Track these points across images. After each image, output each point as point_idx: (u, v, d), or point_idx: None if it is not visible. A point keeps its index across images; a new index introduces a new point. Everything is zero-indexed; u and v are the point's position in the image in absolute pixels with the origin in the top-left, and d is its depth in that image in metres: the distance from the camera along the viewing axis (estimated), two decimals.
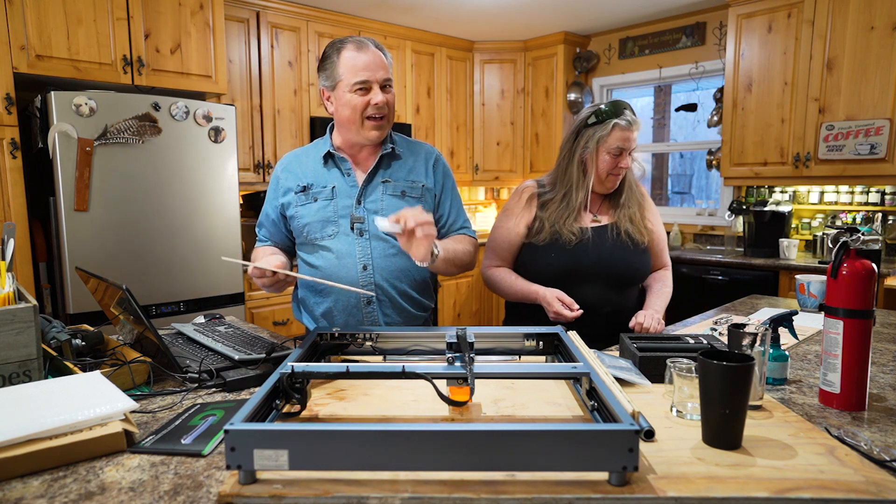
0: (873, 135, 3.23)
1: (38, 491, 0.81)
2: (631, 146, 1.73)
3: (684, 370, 1.02)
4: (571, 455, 0.76)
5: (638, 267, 1.79)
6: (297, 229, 1.64)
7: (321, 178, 1.63)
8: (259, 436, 0.77)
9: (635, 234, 1.77)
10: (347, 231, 1.59)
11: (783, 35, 3.55)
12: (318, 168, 1.64)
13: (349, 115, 1.55)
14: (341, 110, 1.56)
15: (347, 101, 1.54)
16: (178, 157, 3.00)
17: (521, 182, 2.05)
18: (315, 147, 1.71)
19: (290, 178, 1.66)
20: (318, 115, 4.09)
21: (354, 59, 1.52)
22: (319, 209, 1.60)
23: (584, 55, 4.79)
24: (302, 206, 1.62)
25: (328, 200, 1.61)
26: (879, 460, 0.87)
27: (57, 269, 2.78)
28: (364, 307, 1.60)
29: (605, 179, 1.76)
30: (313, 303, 1.66)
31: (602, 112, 1.72)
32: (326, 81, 1.58)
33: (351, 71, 1.52)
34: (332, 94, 1.58)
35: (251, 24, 3.76)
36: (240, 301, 3.33)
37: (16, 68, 2.65)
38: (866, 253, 1.12)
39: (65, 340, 1.31)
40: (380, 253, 1.60)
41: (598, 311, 1.72)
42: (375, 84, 1.53)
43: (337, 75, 1.54)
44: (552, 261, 1.73)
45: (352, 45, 1.55)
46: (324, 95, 1.61)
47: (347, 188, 1.62)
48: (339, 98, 1.55)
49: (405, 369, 1.00)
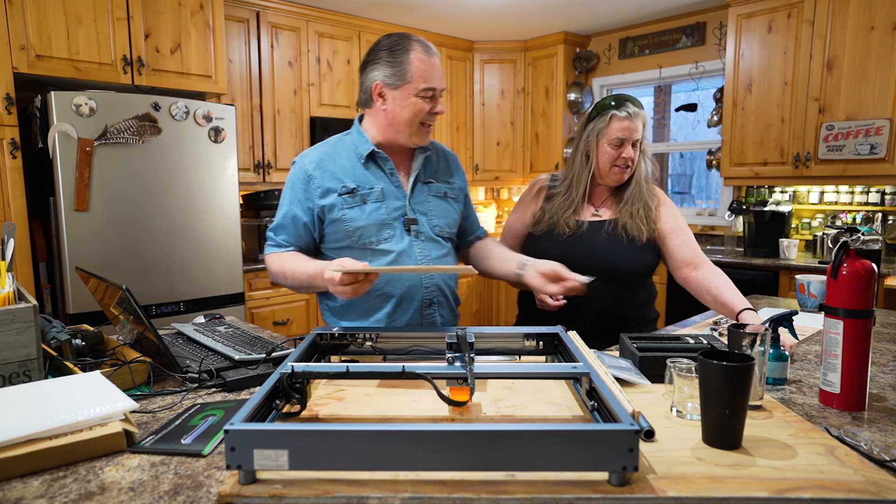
0: (873, 135, 3.23)
1: (38, 491, 0.81)
2: (633, 136, 1.72)
3: (684, 370, 1.02)
4: (571, 455, 0.76)
5: (632, 263, 1.75)
6: (342, 233, 1.54)
7: (364, 178, 1.56)
8: (259, 436, 0.77)
9: (633, 229, 1.74)
10: (403, 234, 1.55)
11: (783, 35, 3.55)
12: (356, 168, 1.56)
13: (408, 119, 1.51)
14: (400, 111, 1.51)
15: (411, 105, 1.50)
16: (178, 157, 3.00)
17: (522, 180, 2.05)
18: (342, 144, 1.61)
19: (327, 178, 1.55)
20: (318, 115, 4.10)
21: (427, 65, 1.49)
22: (372, 212, 1.53)
23: (584, 55, 4.79)
24: (350, 208, 1.53)
25: (379, 202, 1.54)
26: (879, 460, 0.87)
27: (57, 269, 2.78)
28: (425, 309, 1.58)
29: (609, 171, 1.76)
30: (368, 308, 1.57)
31: (601, 105, 1.75)
32: (390, 79, 1.50)
33: (423, 76, 1.48)
34: (393, 93, 1.51)
35: (251, 24, 3.76)
36: (240, 301, 3.33)
37: (16, 68, 2.65)
38: (866, 253, 1.12)
39: (65, 340, 1.31)
40: (436, 255, 1.58)
41: (589, 306, 1.69)
42: (438, 92, 1.52)
43: (407, 76, 1.48)
44: (545, 250, 1.74)
45: (420, 47, 1.50)
46: (375, 91, 1.53)
47: (394, 189, 1.57)
48: (402, 99, 1.50)
49: (405, 369, 1.00)
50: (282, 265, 1.55)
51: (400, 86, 1.50)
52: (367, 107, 1.59)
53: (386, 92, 1.52)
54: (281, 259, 1.56)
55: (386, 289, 1.54)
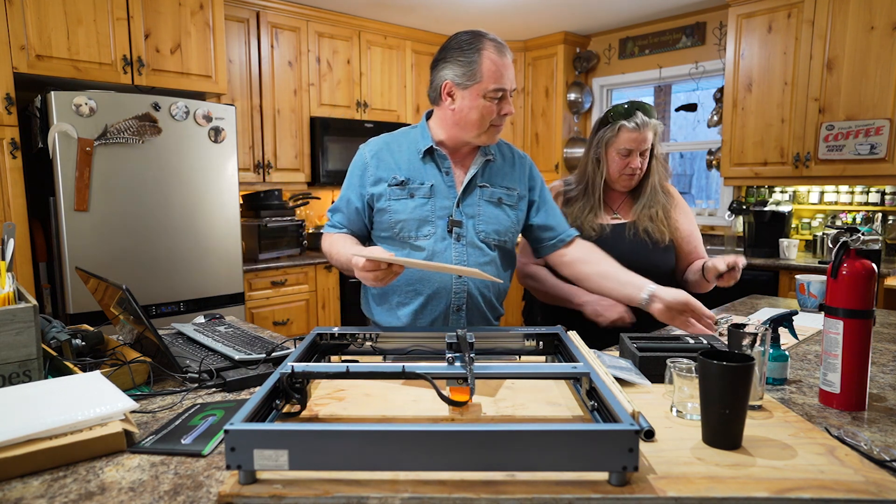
0: (873, 135, 3.23)
1: (38, 491, 0.81)
2: (641, 147, 1.76)
3: (684, 370, 1.02)
4: (571, 455, 0.76)
5: (657, 264, 1.80)
6: (386, 223, 1.54)
7: (418, 173, 1.55)
8: (259, 436, 0.77)
9: (655, 232, 1.80)
10: (444, 234, 1.52)
11: (783, 35, 3.55)
12: (413, 161, 1.55)
13: (476, 120, 1.48)
14: (469, 112, 1.48)
15: (480, 106, 1.47)
16: (178, 157, 3.00)
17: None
18: (406, 137, 1.60)
19: (381, 167, 1.55)
20: (318, 115, 4.10)
21: (498, 65, 1.45)
22: (416, 207, 1.52)
23: (584, 55, 4.79)
24: (397, 200, 1.52)
25: (426, 199, 1.53)
26: (879, 460, 0.87)
27: (57, 269, 2.78)
28: (453, 313, 1.55)
29: (618, 179, 1.82)
30: (398, 301, 1.56)
31: (612, 113, 1.78)
32: (460, 78, 1.46)
33: (493, 77, 1.45)
34: (462, 93, 1.48)
35: (251, 24, 3.76)
36: (240, 301, 3.33)
37: (16, 68, 2.65)
38: (866, 253, 1.12)
39: (65, 340, 1.31)
40: (475, 261, 1.54)
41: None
42: (509, 92, 1.49)
43: (478, 76, 1.45)
44: None
45: (493, 46, 1.46)
46: (445, 89, 1.49)
47: (445, 188, 1.54)
48: (471, 99, 1.47)
49: (405, 369, 1.00)
50: (330, 245, 1.58)
51: (470, 86, 1.46)
52: (435, 104, 1.57)
53: (455, 91, 1.49)
54: (331, 240, 1.59)
55: (416, 286, 1.53)
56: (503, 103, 1.48)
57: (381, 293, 1.60)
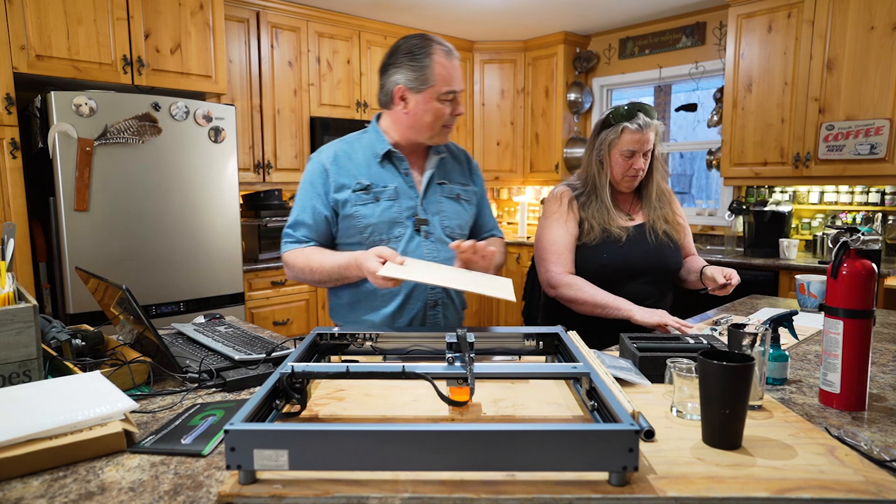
0: (873, 135, 3.23)
1: (38, 491, 0.81)
2: (644, 148, 1.78)
3: (684, 370, 1.02)
4: (571, 455, 0.76)
5: (677, 263, 1.90)
6: (354, 229, 1.56)
7: (378, 176, 1.57)
8: (259, 436, 0.77)
9: (672, 233, 1.86)
10: (413, 233, 1.57)
11: (783, 35, 3.55)
12: (372, 165, 1.58)
13: (430, 122, 1.53)
14: (422, 115, 1.52)
15: (433, 109, 1.51)
16: (178, 157, 3.00)
17: (522, 180, 2.08)
18: (359, 142, 1.62)
19: (342, 173, 1.56)
20: (318, 115, 4.10)
21: (448, 68, 1.50)
22: (385, 210, 1.55)
23: (584, 55, 4.79)
24: (363, 205, 1.54)
25: (392, 201, 1.56)
26: (879, 460, 0.87)
27: (57, 269, 2.78)
28: (429, 310, 1.59)
29: (622, 180, 1.83)
30: (375, 305, 1.58)
31: (614, 115, 1.79)
32: (412, 82, 1.50)
33: (444, 80, 1.49)
34: (414, 97, 1.51)
35: (251, 24, 3.76)
36: (240, 301, 3.33)
37: (16, 68, 2.65)
38: (866, 253, 1.12)
39: (65, 340, 1.31)
40: (445, 256, 1.58)
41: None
42: (459, 94, 1.53)
43: (429, 80, 1.49)
44: (605, 261, 1.79)
45: (442, 50, 1.50)
46: (397, 93, 1.53)
47: (407, 189, 1.58)
48: (423, 103, 1.51)
49: (405, 369, 1.00)
50: (308, 259, 1.55)
51: (423, 89, 1.50)
52: (386, 108, 1.60)
53: (408, 95, 1.52)
54: (305, 254, 1.56)
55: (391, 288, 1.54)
56: (454, 104, 1.53)
57: (358, 299, 1.60)
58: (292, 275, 1.61)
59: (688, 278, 1.93)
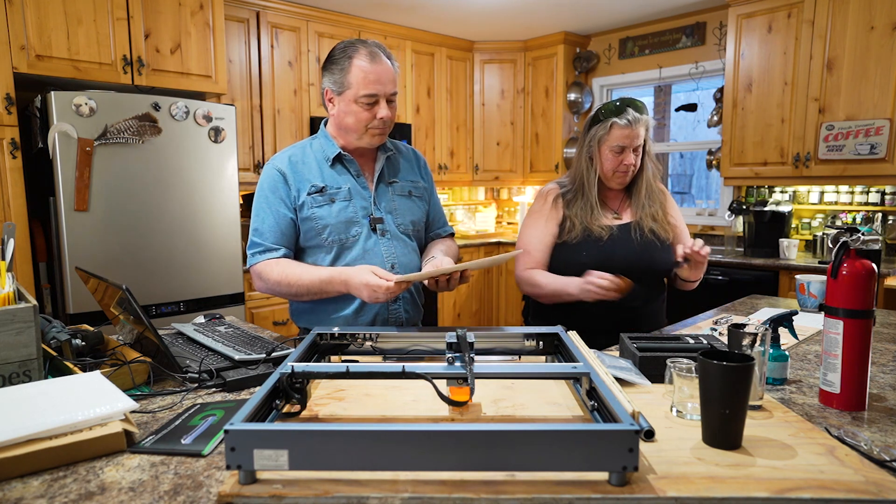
0: (873, 135, 3.23)
1: (38, 491, 0.81)
2: (634, 143, 1.75)
3: (684, 370, 1.02)
4: (571, 455, 0.76)
5: (666, 262, 1.83)
6: (312, 231, 1.57)
7: (332, 179, 1.60)
8: (259, 436, 0.77)
9: (660, 231, 1.82)
10: (369, 232, 1.60)
11: (783, 35, 3.55)
12: (324, 169, 1.60)
13: (353, 125, 1.55)
14: (345, 118, 1.55)
15: (353, 112, 1.53)
16: (178, 157, 3.00)
17: (522, 180, 2.07)
18: (311, 147, 1.65)
19: (297, 177, 1.58)
20: (319, 115, 4.10)
21: (366, 72, 1.49)
22: (340, 210, 1.57)
23: (584, 55, 4.79)
24: (319, 207, 1.57)
25: (346, 202, 1.58)
26: (879, 460, 0.87)
27: (57, 269, 2.78)
28: (391, 304, 1.62)
29: (612, 177, 1.81)
30: (335, 307, 1.60)
31: (603, 110, 1.77)
32: (333, 85, 1.54)
33: (361, 83, 1.50)
34: (337, 99, 1.55)
35: (251, 24, 3.76)
36: (240, 301, 3.33)
37: (16, 68, 2.65)
38: (866, 253, 1.12)
39: (65, 340, 1.31)
40: (402, 251, 1.62)
41: (627, 304, 1.75)
42: (383, 98, 1.52)
43: (346, 83, 1.51)
44: (584, 259, 1.77)
45: (365, 54, 1.50)
46: (326, 96, 1.58)
47: (360, 189, 1.61)
48: (345, 105, 1.54)
49: (405, 369, 1.00)
50: (284, 273, 1.53)
51: (342, 92, 1.53)
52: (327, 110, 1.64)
53: (333, 98, 1.56)
54: (281, 266, 1.54)
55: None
56: (377, 108, 1.52)
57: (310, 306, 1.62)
58: (264, 287, 1.57)
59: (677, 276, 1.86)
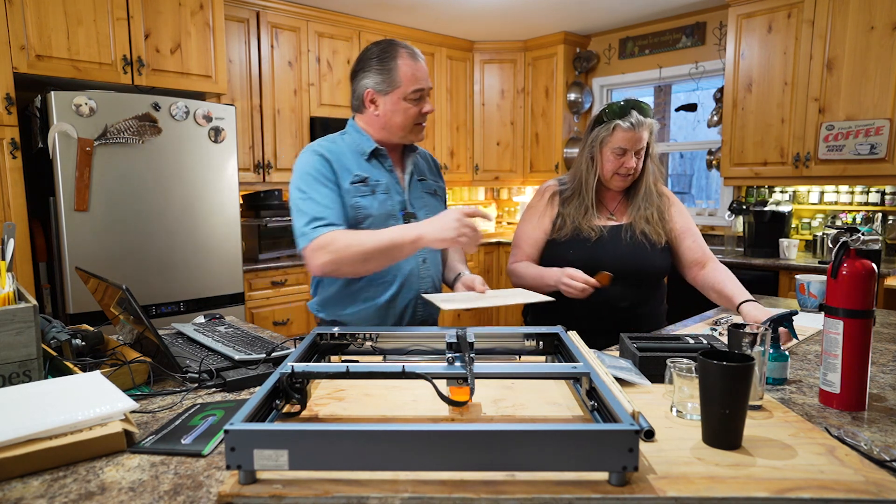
0: (873, 135, 3.23)
1: (38, 491, 0.81)
2: (636, 147, 1.75)
3: (684, 370, 1.02)
4: (571, 455, 0.76)
5: (656, 265, 1.81)
6: (353, 220, 1.55)
7: (370, 172, 1.60)
8: (259, 436, 0.77)
9: (652, 234, 1.80)
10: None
11: (783, 35, 3.55)
12: (360, 162, 1.60)
13: (401, 121, 1.58)
14: (393, 115, 1.58)
15: (403, 108, 1.57)
16: (178, 157, 3.00)
17: (522, 180, 2.08)
18: (343, 141, 1.63)
19: (340, 165, 1.57)
20: (318, 115, 4.10)
21: (413, 69, 1.55)
22: (382, 203, 1.59)
23: (584, 55, 4.79)
24: (362, 197, 1.56)
25: (385, 195, 1.60)
26: (879, 460, 0.87)
27: (57, 269, 2.78)
28: (419, 299, 1.64)
29: (611, 179, 1.81)
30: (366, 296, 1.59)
31: (608, 111, 1.77)
32: (380, 85, 1.56)
33: (410, 80, 1.55)
34: (383, 98, 1.57)
35: (251, 24, 3.76)
36: (240, 301, 3.33)
37: (16, 68, 2.65)
38: (866, 253, 1.12)
39: (65, 340, 1.31)
40: (430, 250, 1.65)
41: (615, 306, 1.76)
42: (426, 92, 1.59)
43: (394, 81, 1.55)
44: (571, 257, 1.77)
45: (406, 52, 1.56)
46: (367, 97, 1.59)
47: (395, 184, 1.63)
48: (393, 103, 1.57)
49: (405, 369, 1.00)
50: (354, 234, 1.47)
51: (390, 91, 1.56)
52: (358, 112, 1.65)
53: (377, 98, 1.58)
54: (348, 232, 1.48)
55: (389, 275, 1.59)
56: (422, 102, 1.59)
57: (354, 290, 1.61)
58: (328, 258, 1.44)
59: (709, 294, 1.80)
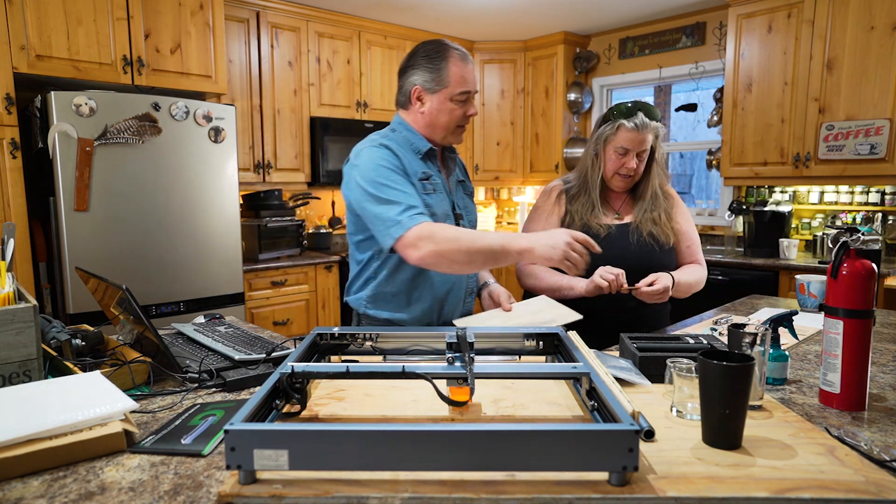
0: (873, 135, 3.23)
1: (38, 491, 0.81)
2: (639, 148, 1.76)
3: (684, 370, 1.02)
4: (571, 455, 0.76)
5: (664, 265, 1.81)
6: None
7: (426, 170, 1.60)
8: (259, 436, 0.77)
9: (660, 235, 1.81)
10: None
11: (783, 35, 3.55)
12: (416, 160, 1.59)
13: (445, 122, 1.59)
14: (438, 115, 1.58)
15: (449, 109, 1.57)
16: (178, 157, 3.00)
17: (522, 180, 2.07)
18: (397, 138, 1.61)
19: (406, 161, 1.56)
20: (318, 115, 4.10)
21: (463, 70, 1.56)
22: (440, 201, 1.59)
23: (584, 55, 4.79)
24: (428, 195, 1.57)
25: (442, 194, 1.61)
26: (879, 460, 0.87)
27: (57, 269, 2.78)
28: (465, 297, 1.68)
29: (612, 178, 1.82)
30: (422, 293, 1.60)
31: (615, 111, 1.78)
32: (428, 83, 1.56)
33: (459, 81, 1.56)
34: (430, 97, 1.57)
35: (251, 24, 3.76)
36: (240, 301, 3.33)
37: (16, 68, 2.65)
38: (866, 253, 1.12)
39: (65, 340, 1.31)
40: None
41: (624, 305, 1.75)
42: (472, 94, 1.59)
43: (445, 81, 1.55)
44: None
45: (457, 54, 1.57)
46: (415, 94, 1.59)
47: (443, 184, 1.64)
48: (440, 103, 1.57)
49: (405, 369, 1.00)
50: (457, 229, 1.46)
51: (438, 90, 1.56)
52: (404, 108, 1.65)
53: (424, 95, 1.58)
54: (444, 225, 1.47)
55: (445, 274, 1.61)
56: (467, 105, 1.59)
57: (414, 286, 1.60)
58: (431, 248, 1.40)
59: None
